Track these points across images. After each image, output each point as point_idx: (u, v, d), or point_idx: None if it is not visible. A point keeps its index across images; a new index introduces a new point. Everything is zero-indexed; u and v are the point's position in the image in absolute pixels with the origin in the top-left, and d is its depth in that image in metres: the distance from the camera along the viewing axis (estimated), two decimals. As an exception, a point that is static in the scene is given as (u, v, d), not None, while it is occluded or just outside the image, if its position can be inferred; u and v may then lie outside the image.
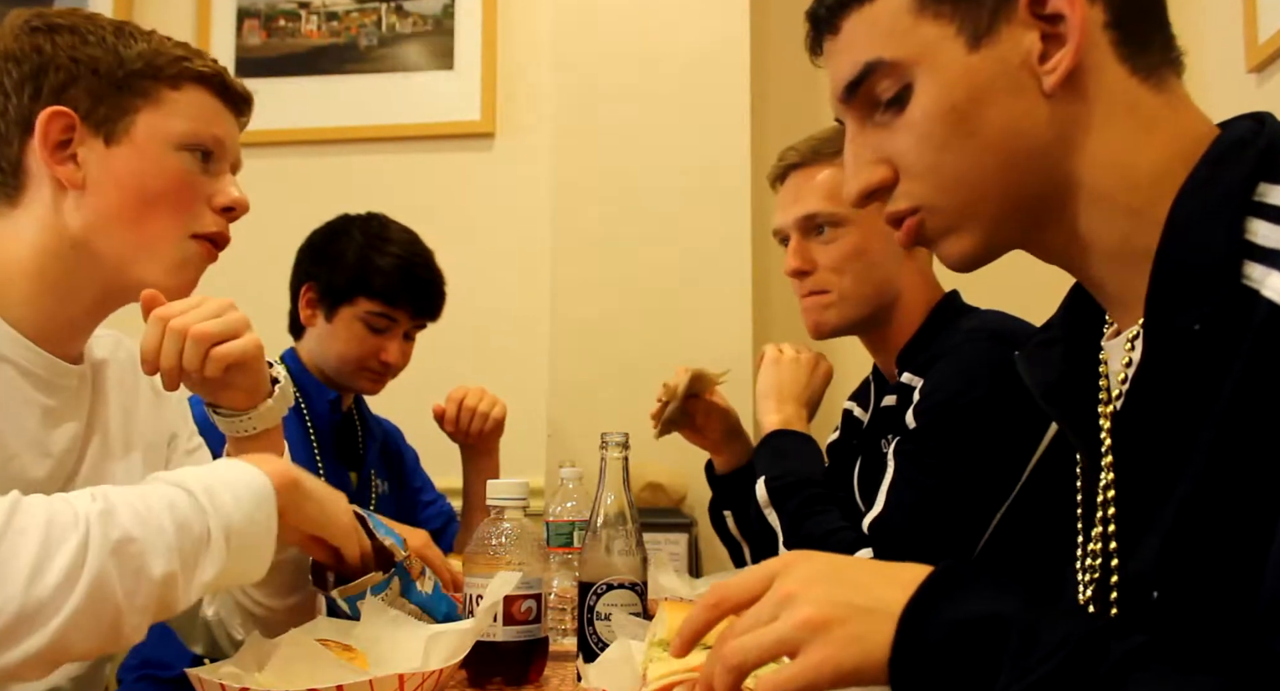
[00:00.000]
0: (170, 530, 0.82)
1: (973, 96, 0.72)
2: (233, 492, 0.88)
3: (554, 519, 1.56)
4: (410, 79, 2.58)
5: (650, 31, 2.30)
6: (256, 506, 0.90)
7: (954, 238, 0.77)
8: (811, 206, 1.44)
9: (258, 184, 2.49)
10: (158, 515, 0.82)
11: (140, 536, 0.80)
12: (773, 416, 1.55)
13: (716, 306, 2.23)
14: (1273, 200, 0.65)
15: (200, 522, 0.85)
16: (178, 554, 0.82)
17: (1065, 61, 0.71)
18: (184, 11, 2.64)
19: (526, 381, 2.30)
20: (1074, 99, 0.72)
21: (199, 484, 0.87)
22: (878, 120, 0.77)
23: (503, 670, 1.08)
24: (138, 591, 0.79)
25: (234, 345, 1.04)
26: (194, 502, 0.85)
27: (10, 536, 0.75)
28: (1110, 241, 0.73)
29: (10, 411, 1.00)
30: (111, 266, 1.06)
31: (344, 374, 1.81)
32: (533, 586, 1.10)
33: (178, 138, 1.08)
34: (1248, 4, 1.81)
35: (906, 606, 0.61)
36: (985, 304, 1.48)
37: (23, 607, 0.73)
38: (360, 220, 1.85)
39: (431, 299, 1.85)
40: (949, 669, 0.60)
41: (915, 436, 1.30)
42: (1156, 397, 0.69)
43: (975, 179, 0.74)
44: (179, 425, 1.25)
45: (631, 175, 2.27)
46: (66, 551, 0.76)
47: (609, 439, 1.18)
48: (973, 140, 0.73)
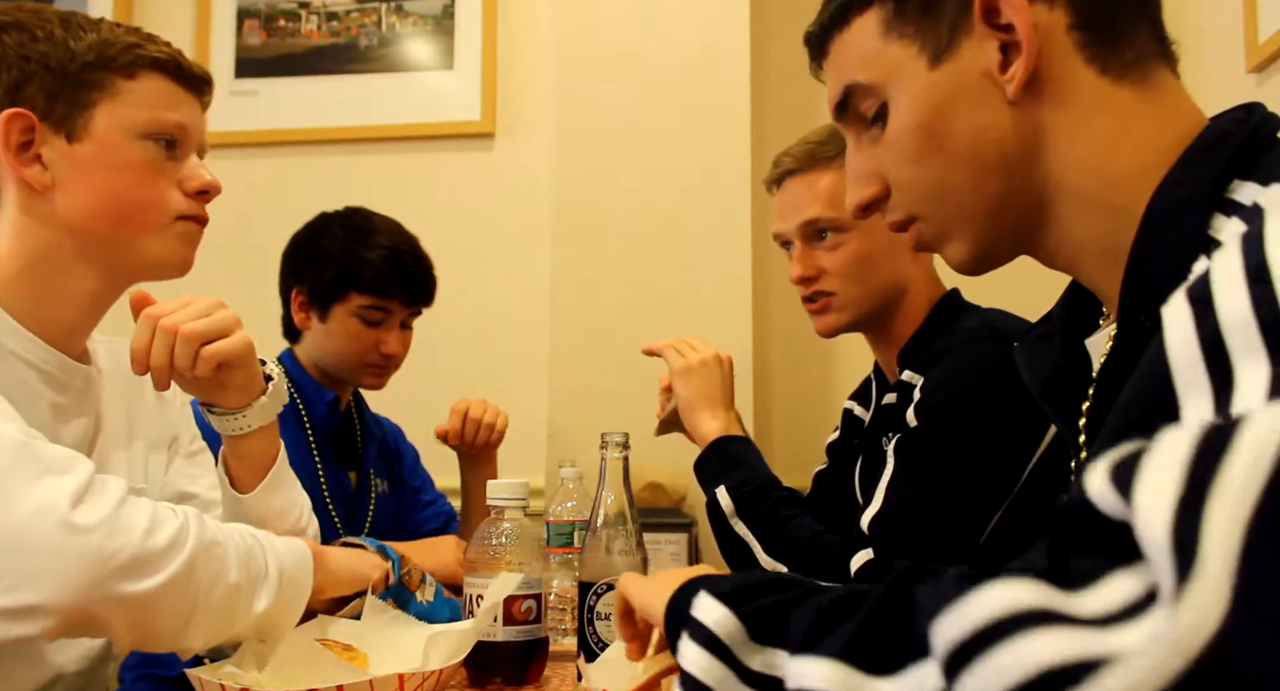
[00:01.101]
0: (244, 550, 0.92)
1: (938, 111, 0.75)
2: (285, 544, 1.00)
3: (554, 519, 1.56)
4: (410, 79, 2.58)
5: (650, 31, 2.30)
6: (300, 561, 1.00)
7: (951, 244, 0.80)
8: (814, 212, 1.44)
9: (258, 184, 2.51)
10: (232, 535, 0.92)
11: (224, 542, 0.90)
12: (711, 423, 1.50)
13: (716, 306, 2.22)
14: (1239, 196, 0.64)
15: (261, 556, 0.95)
16: (246, 572, 0.92)
17: (1021, 69, 0.72)
18: (184, 11, 2.64)
19: (527, 381, 2.30)
20: (1040, 104, 0.73)
21: (254, 529, 0.98)
22: (868, 136, 0.81)
23: (503, 670, 1.08)
24: (215, 590, 0.88)
25: (224, 344, 1.05)
26: (256, 541, 0.96)
27: (128, 500, 0.86)
28: (1095, 240, 0.74)
29: (22, 407, 1.00)
30: (111, 253, 1.07)
31: (347, 371, 1.80)
32: (533, 586, 1.10)
33: (139, 127, 1.06)
34: (1248, 4, 1.80)
35: None
36: (985, 303, 1.49)
37: (140, 551, 0.83)
38: (339, 216, 1.84)
39: (422, 285, 1.83)
40: None
41: (915, 434, 1.30)
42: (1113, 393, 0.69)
43: (952, 189, 0.76)
44: (181, 427, 1.26)
45: (631, 175, 2.27)
46: (171, 527, 0.86)
47: (609, 439, 1.18)
48: (942, 153, 0.75)
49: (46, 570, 0.79)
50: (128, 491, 0.87)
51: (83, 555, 0.80)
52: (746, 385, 2.18)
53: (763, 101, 2.33)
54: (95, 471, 0.86)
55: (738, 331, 2.21)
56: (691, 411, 1.53)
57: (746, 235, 2.23)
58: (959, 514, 1.23)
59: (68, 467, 0.84)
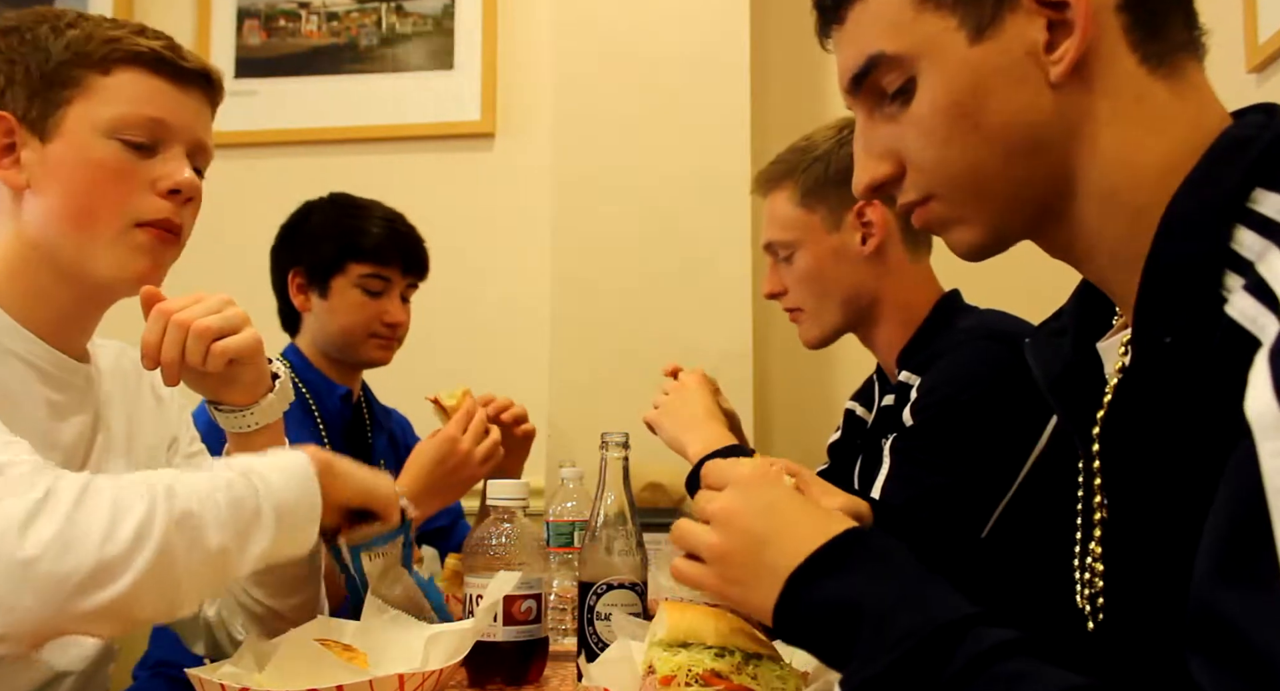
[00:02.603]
0: (224, 506, 0.88)
1: (975, 90, 0.70)
2: (280, 473, 0.95)
3: (554, 519, 1.56)
4: (410, 79, 2.58)
5: (650, 31, 2.30)
6: (301, 484, 0.96)
7: (961, 228, 0.76)
8: (767, 235, 1.52)
9: (258, 184, 2.50)
10: (214, 493, 0.89)
11: (198, 511, 0.86)
12: (695, 446, 1.43)
13: (716, 306, 2.22)
14: (1263, 209, 0.61)
15: (252, 500, 0.91)
16: (232, 528, 0.88)
17: (1072, 50, 0.68)
18: (184, 11, 2.64)
19: (527, 381, 2.30)
20: (1081, 90, 0.69)
21: (250, 466, 0.94)
22: (885, 112, 0.76)
23: (503, 670, 1.08)
24: (196, 561, 0.85)
25: (235, 340, 1.05)
26: (247, 482, 0.92)
27: (86, 503, 0.81)
28: (1112, 240, 0.71)
29: (18, 403, 1.00)
30: (67, 264, 1.05)
31: (352, 346, 1.79)
32: (533, 586, 1.10)
33: (105, 125, 1.03)
34: (1248, 4, 1.80)
35: (787, 580, 0.68)
36: (985, 304, 1.49)
37: (98, 563, 0.79)
38: (323, 200, 1.86)
39: (419, 254, 1.85)
40: (816, 644, 0.68)
41: (912, 433, 1.30)
42: (1136, 408, 0.68)
43: (980, 173, 0.72)
44: (180, 430, 1.25)
45: (631, 175, 2.27)
46: (134, 518, 0.82)
47: (609, 439, 1.18)
48: (976, 134, 0.71)
49: (2, 602, 0.77)
50: (88, 484, 0.83)
51: (35, 583, 0.77)
52: (746, 385, 2.18)
53: (763, 101, 2.33)
54: (59, 474, 0.84)
55: (738, 331, 2.21)
56: (675, 447, 1.50)
57: (746, 235, 2.23)
58: (957, 512, 1.23)
59: (21, 486, 0.81)
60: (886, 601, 0.63)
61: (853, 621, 0.63)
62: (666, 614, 0.90)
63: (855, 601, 0.64)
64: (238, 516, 0.89)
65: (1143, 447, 0.67)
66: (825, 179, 1.46)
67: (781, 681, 0.85)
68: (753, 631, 0.89)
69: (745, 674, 0.84)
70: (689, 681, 0.84)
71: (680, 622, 0.87)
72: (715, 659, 0.85)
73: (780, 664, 0.87)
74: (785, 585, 0.68)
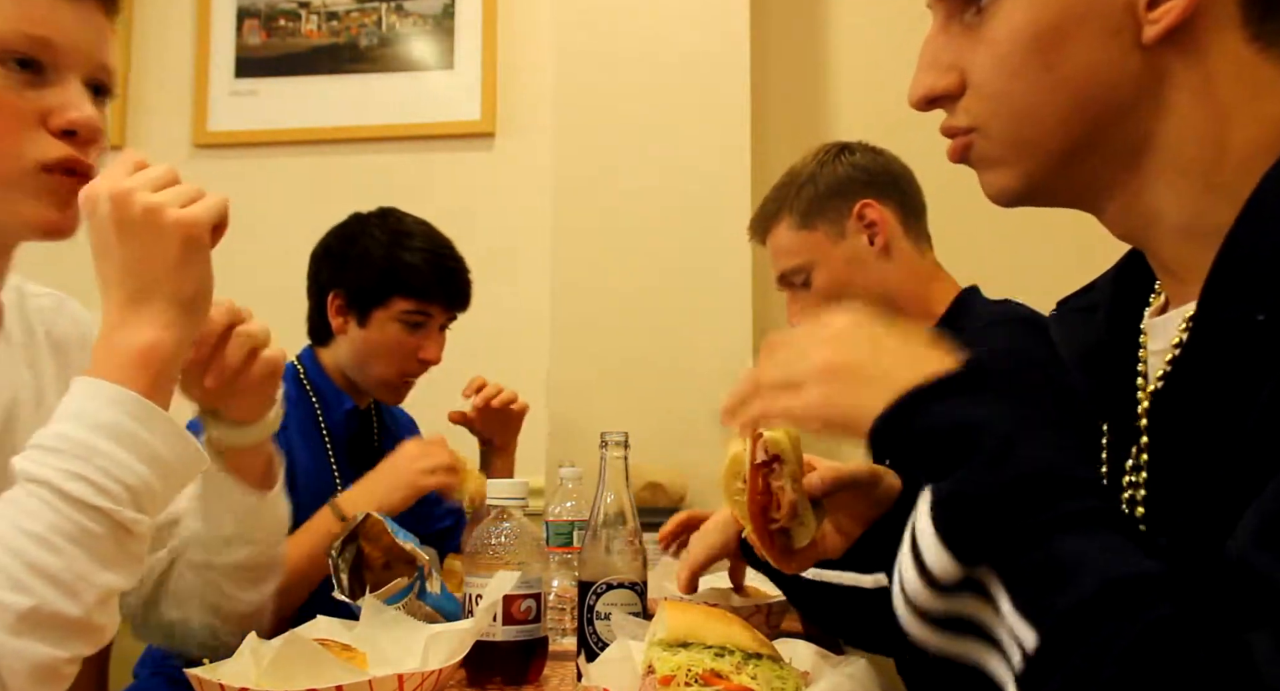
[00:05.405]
0: (54, 563, 0.74)
1: (1059, 28, 0.65)
2: (112, 438, 0.78)
3: (554, 519, 1.56)
4: (410, 79, 2.58)
5: (650, 31, 2.30)
6: (142, 424, 0.80)
7: (1000, 170, 0.71)
8: (778, 267, 1.55)
9: (258, 184, 2.51)
10: (25, 557, 0.73)
11: (12, 601, 0.71)
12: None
13: (716, 306, 2.22)
14: None
15: (86, 517, 0.75)
16: (69, 574, 0.74)
17: (1175, 13, 0.63)
18: (184, 11, 2.63)
19: (526, 381, 2.29)
20: (1174, 55, 0.64)
21: (75, 464, 0.76)
22: (964, 21, 0.70)
23: (502, 670, 1.08)
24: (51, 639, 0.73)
25: (276, 351, 1.03)
26: (64, 499, 0.75)
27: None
28: (1180, 215, 0.67)
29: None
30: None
31: (376, 386, 1.79)
32: (532, 586, 1.10)
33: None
34: (1248, 4, 1.80)
35: (906, 393, 0.62)
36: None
37: None
38: (375, 217, 1.82)
39: (462, 289, 1.82)
40: (921, 458, 0.61)
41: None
42: (1204, 384, 0.65)
43: (1037, 118, 0.67)
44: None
45: (631, 175, 2.27)
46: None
47: (609, 438, 1.18)
48: (1047, 75, 0.66)
49: None
50: None
51: None
52: (746, 385, 2.18)
53: (763, 101, 2.33)
54: None
55: (738, 331, 2.21)
56: None
57: (746, 235, 2.23)
58: None
59: None
60: (1013, 427, 0.58)
61: (972, 441, 0.58)
62: (666, 614, 0.90)
63: (981, 422, 0.59)
64: (76, 553, 0.74)
65: (1203, 423, 0.64)
66: (817, 196, 1.51)
67: (781, 681, 0.85)
68: (753, 631, 0.89)
69: (745, 673, 0.84)
70: (689, 681, 0.84)
71: (680, 622, 0.87)
72: (715, 658, 0.85)
73: (780, 664, 0.87)
74: (900, 401, 0.62)
